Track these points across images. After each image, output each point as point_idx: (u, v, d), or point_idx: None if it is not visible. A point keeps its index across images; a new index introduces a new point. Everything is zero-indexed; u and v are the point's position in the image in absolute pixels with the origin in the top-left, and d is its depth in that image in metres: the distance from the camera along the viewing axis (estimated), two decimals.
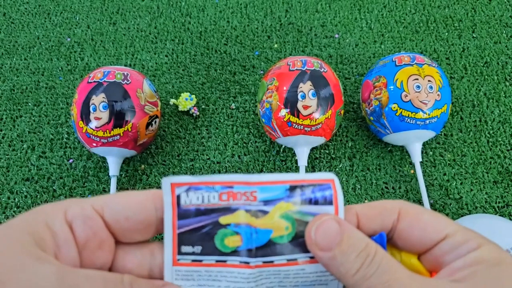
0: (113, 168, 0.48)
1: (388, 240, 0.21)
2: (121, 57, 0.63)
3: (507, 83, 0.58)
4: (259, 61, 0.61)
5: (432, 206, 0.49)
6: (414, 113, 0.46)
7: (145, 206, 0.19)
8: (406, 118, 0.46)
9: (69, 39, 0.65)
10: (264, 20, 0.66)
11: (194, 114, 0.56)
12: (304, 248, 0.20)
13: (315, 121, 0.46)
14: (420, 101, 0.46)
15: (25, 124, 0.56)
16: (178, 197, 0.20)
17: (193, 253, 0.20)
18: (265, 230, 0.20)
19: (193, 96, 0.56)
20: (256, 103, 0.55)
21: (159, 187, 0.51)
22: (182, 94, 0.56)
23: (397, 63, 0.48)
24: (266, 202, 0.20)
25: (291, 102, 0.46)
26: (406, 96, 0.46)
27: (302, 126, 0.46)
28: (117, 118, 0.45)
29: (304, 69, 0.47)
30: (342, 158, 0.53)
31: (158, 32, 0.65)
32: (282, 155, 0.53)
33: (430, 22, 0.65)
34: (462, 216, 0.47)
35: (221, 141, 0.54)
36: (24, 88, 0.60)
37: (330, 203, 0.20)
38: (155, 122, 0.49)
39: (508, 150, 0.53)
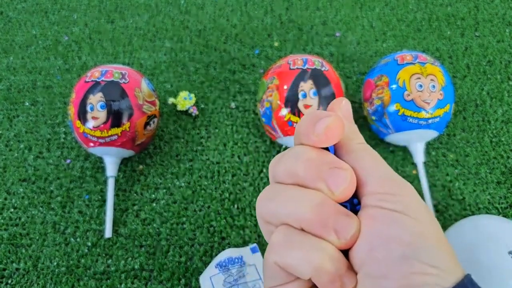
0: (111, 168, 0.47)
1: None
2: (119, 55, 0.62)
3: (511, 82, 0.57)
4: (259, 59, 0.61)
5: (435, 207, 0.48)
6: (416, 113, 0.45)
7: None
8: (409, 118, 0.46)
9: (66, 38, 0.64)
10: (264, 18, 0.65)
11: (193, 114, 0.55)
12: None
13: None
14: (423, 101, 0.45)
15: (22, 124, 0.55)
16: None
17: None
18: None
19: (192, 95, 0.55)
20: (256, 102, 0.54)
21: (157, 188, 0.50)
22: (180, 93, 0.55)
23: (399, 62, 0.47)
24: None
25: (291, 101, 0.45)
26: (408, 95, 0.45)
27: None
28: (115, 117, 0.45)
29: (305, 67, 0.46)
30: None
31: (156, 31, 0.65)
32: None
33: (432, 20, 0.64)
34: (465, 217, 0.47)
35: (221, 141, 0.54)
36: (21, 87, 0.59)
37: None
38: (154, 122, 0.49)
39: (511, 150, 0.52)
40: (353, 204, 0.20)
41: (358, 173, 0.20)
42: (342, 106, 0.21)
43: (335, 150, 0.21)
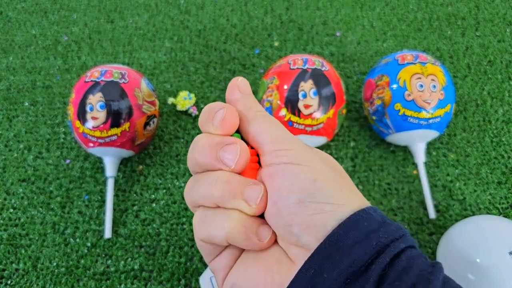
0: (110, 168, 0.47)
1: None
2: (119, 55, 0.62)
3: (511, 82, 0.57)
4: (259, 59, 0.61)
5: (436, 207, 0.48)
6: (417, 113, 0.45)
7: None
8: (409, 118, 0.45)
9: (66, 38, 0.64)
10: (265, 18, 0.65)
11: (193, 114, 0.55)
12: None
13: (317, 121, 0.45)
14: (423, 101, 0.45)
15: (21, 124, 0.55)
16: None
17: None
18: None
19: (192, 95, 0.55)
20: None
21: (157, 189, 0.50)
22: (180, 93, 0.55)
23: (399, 62, 0.47)
24: None
25: (292, 101, 0.45)
26: (409, 95, 0.45)
27: (303, 126, 0.45)
28: (115, 117, 0.44)
29: (305, 67, 0.46)
30: (344, 159, 0.52)
31: (156, 30, 0.64)
32: None
33: (433, 20, 0.64)
34: (465, 217, 0.46)
35: None
36: (20, 87, 0.59)
37: None
38: (153, 122, 0.49)
39: None
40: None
41: (256, 137, 0.22)
42: (239, 83, 0.24)
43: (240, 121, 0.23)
